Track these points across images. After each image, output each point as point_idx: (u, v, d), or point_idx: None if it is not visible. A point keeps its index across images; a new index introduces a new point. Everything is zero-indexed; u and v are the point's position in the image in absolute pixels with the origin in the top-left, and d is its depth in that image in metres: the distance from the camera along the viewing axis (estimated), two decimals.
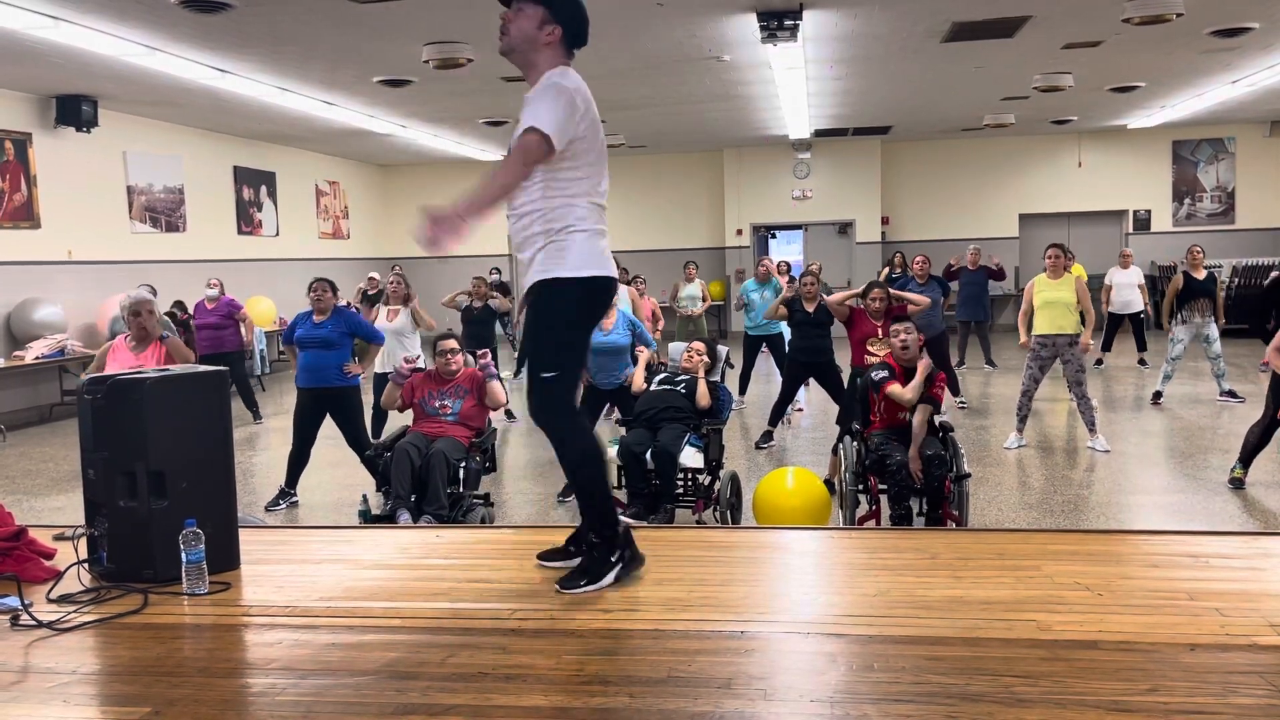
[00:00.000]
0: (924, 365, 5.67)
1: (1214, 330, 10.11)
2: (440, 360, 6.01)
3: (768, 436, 8.89)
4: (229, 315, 10.81)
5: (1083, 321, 8.21)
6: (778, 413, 8.89)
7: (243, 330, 11.11)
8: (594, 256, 3.25)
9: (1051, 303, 8.13)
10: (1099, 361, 13.17)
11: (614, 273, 3.38)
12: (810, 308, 8.52)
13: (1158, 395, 10.27)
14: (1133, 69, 12.36)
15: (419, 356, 7.69)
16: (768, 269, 11.08)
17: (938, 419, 5.84)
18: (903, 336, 5.79)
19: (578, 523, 3.55)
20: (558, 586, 3.26)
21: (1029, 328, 8.32)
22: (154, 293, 9.17)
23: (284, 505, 7.13)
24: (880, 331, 7.07)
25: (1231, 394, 10.14)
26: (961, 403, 10.41)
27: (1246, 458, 6.89)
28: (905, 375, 5.78)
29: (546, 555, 3.53)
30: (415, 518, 5.39)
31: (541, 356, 3.33)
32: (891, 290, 7.43)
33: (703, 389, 6.16)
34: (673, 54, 10.57)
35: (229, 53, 9.66)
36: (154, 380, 3.50)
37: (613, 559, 3.28)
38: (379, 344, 7.36)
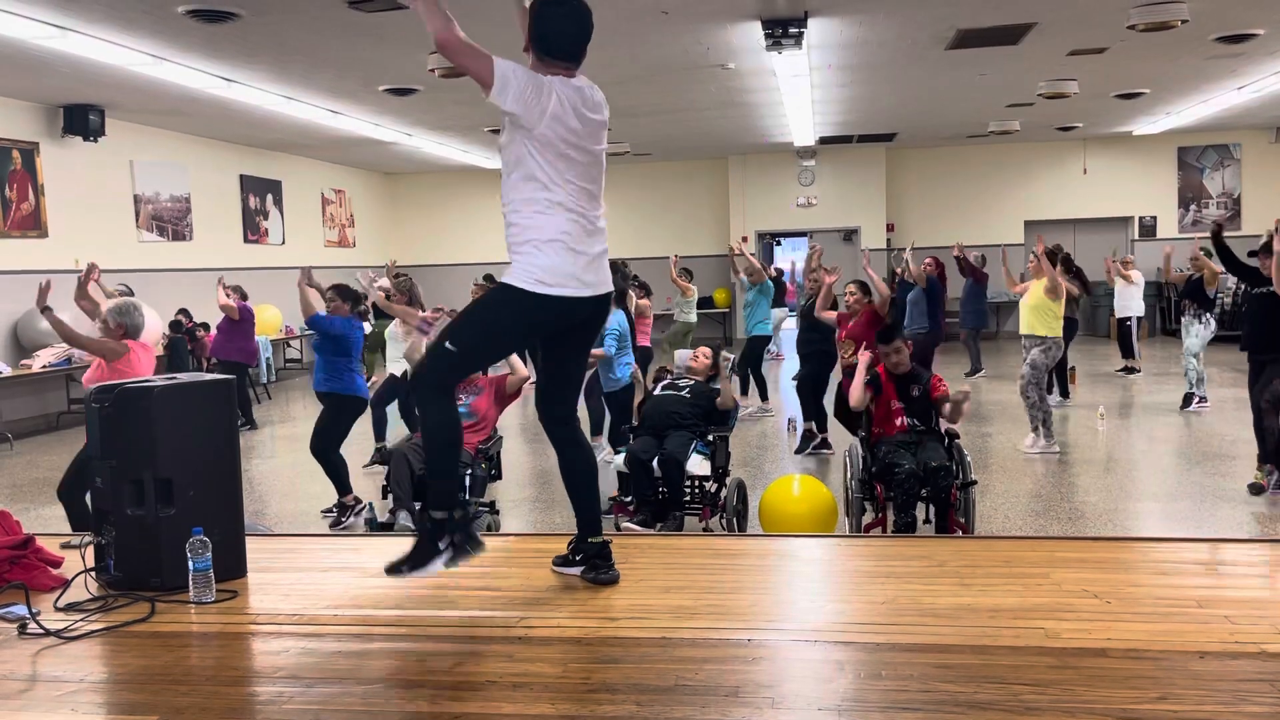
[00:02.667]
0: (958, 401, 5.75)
1: (1196, 330, 10.08)
2: None
3: (810, 438, 8.63)
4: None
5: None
6: (808, 413, 8.80)
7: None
8: (551, 273, 3.17)
9: (1024, 305, 8.57)
10: (1128, 368, 13.05)
11: (579, 292, 3.22)
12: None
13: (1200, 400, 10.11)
14: (1138, 76, 12.34)
15: (443, 308, 7.29)
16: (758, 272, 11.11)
17: (943, 426, 5.86)
18: (894, 359, 5.92)
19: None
20: (384, 569, 3.26)
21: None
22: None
23: (351, 519, 6.70)
24: (842, 334, 7.56)
25: (1188, 400, 10.11)
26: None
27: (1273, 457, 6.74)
28: (894, 385, 5.87)
29: (559, 561, 3.58)
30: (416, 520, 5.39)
31: (459, 330, 3.26)
32: (865, 279, 7.68)
33: (726, 390, 6.19)
34: (678, 61, 10.58)
35: (235, 62, 9.69)
36: (161, 389, 3.52)
37: (440, 545, 3.24)
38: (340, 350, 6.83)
